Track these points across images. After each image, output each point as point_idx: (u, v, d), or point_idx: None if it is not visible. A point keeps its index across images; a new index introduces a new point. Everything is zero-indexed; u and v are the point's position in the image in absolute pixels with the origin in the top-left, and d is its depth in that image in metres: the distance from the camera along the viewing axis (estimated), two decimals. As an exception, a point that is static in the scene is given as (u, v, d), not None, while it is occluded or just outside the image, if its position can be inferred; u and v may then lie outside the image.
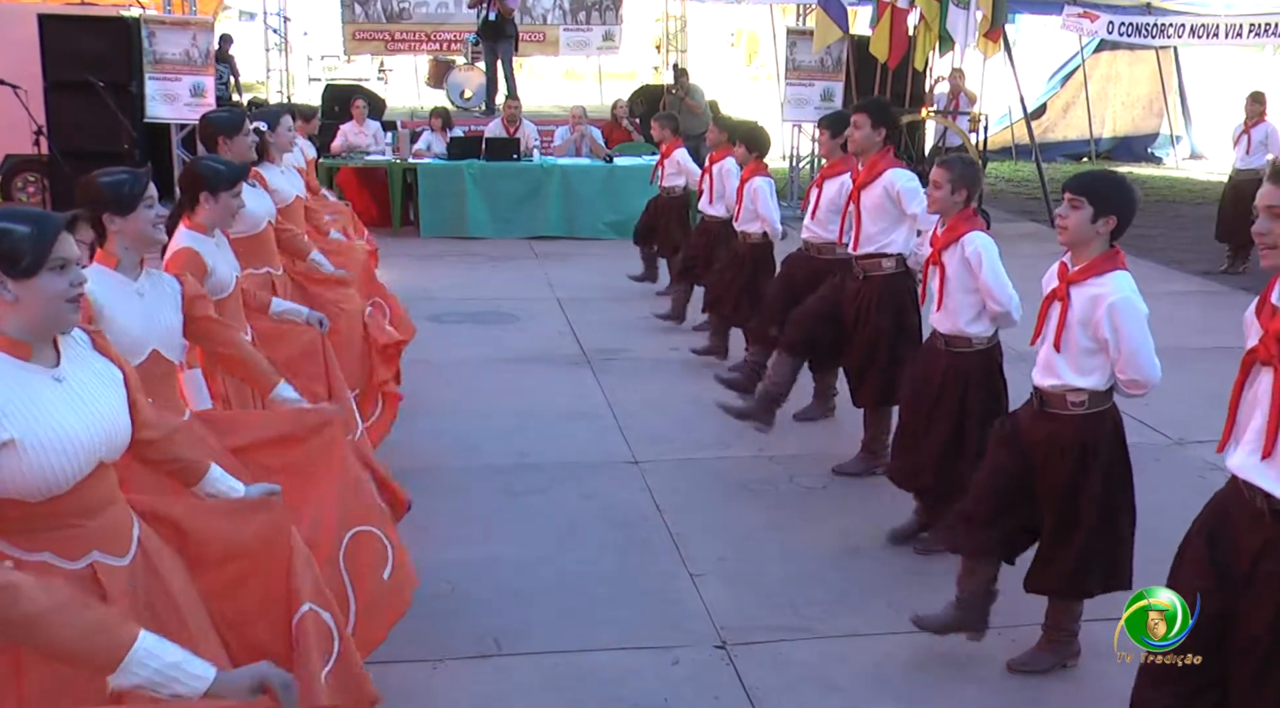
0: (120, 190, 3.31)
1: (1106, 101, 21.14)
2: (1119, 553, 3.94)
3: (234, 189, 4.19)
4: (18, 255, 2.37)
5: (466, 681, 4.04)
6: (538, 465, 6.03)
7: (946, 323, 4.76)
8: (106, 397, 2.58)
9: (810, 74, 14.10)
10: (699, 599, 4.63)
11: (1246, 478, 2.87)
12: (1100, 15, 17.51)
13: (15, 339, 2.42)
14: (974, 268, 4.61)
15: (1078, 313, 3.79)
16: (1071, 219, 3.77)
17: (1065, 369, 3.85)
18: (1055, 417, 3.91)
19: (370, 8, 17.59)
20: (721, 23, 31.46)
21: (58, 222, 2.44)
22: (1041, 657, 4.12)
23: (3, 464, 2.34)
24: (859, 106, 5.99)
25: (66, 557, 2.46)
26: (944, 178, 4.64)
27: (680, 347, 8.35)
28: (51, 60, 11.89)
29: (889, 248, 5.72)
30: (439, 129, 13.04)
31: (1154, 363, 3.77)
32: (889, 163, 5.71)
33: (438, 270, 10.73)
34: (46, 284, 2.40)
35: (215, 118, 5.32)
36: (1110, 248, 3.81)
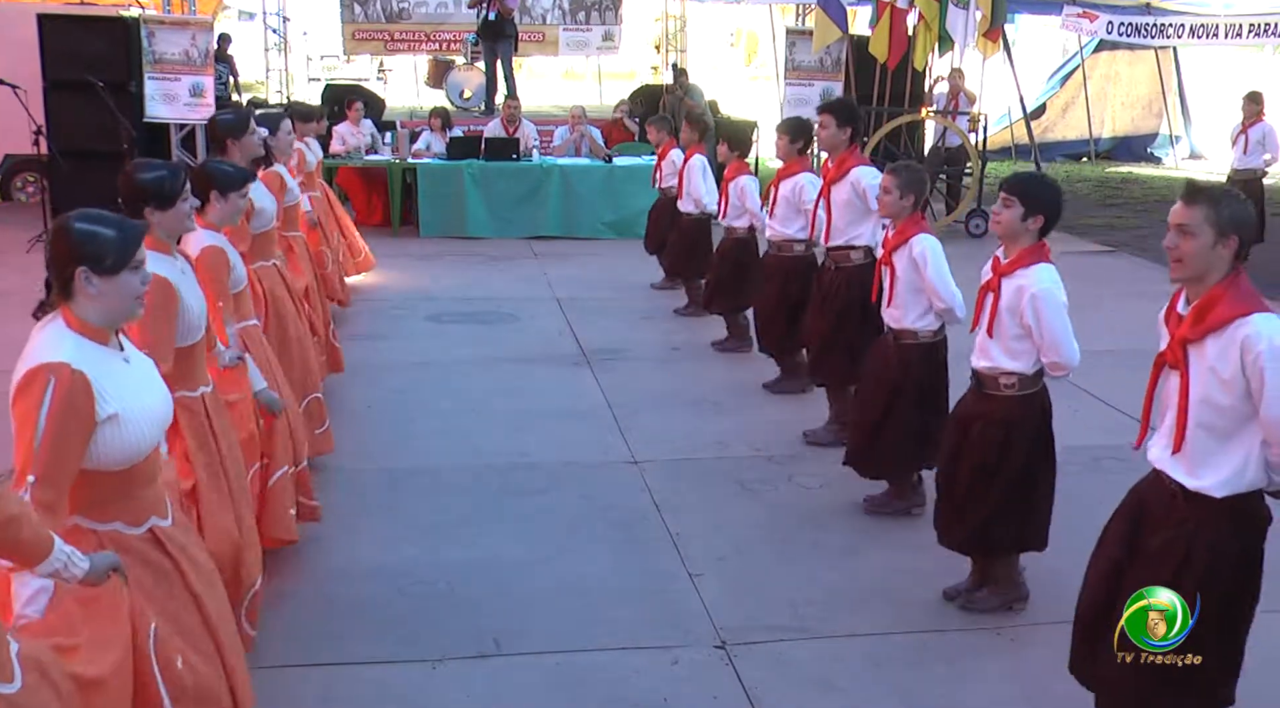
0: (162, 186, 3.58)
1: (1106, 101, 21.15)
2: (1033, 517, 4.35)
3: (242, 190, 4.45)
4: (104, 255, 2.71)
5: (466, 680, 4.04)
6: (537, 465, 6.03)
7: (895, 319, 5.16)
8: (155, 375, 2.94)
9: (810, 74, 14.08)
10: (698, 599, 4.63)
11: (1162, 469, 3.25)
12: (1099, 15, 17.52)
13: (95, 326, 2.75)
14: (920, 267, 4.98)
15: (1006, 302, 4.18)
16: (1004, 216, 4.14)
17: (997, 353, 4.23)
18: (990, 397, 4.30)
19: (370, 8, 17.58)
20: (721, 23, 31.46)
21: (140, 229, 2.85)
22: (987, 598, 4.52)
23: (107, 436, 2.67)
24: (825, 107, 6.34)
25: (132, 524, 2.82)
26: (893, 184, 5.01)
27: (681, 347, 8.36)
28: (51, 60, 11.88)
29: (857, 240, 6.08)
30: (438, 129, 13.03)
31: (1073, 347, 4.14)
32: (856, 161, 6.08)
33: (437, 270, 10.73)
34: (126, 281, 2.76)
35: (223, 120, 5.37)
36: (1038, 242, 4.18)
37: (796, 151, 6.80)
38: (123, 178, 3.60)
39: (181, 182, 3.61)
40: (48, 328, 2.73)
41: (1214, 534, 3.14)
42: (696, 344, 8.40)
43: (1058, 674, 4.06)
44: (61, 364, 2.61)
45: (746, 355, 8.01)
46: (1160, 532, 3.25)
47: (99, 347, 2.73)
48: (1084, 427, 6.40)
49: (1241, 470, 3.11)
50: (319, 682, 3.98)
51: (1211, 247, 3.08)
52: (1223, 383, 3.05)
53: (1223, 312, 3.06)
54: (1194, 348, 3.11)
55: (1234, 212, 3.10)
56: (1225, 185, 3.37)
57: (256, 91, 19.37)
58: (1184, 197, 3.12)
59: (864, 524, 5.37)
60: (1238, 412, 3.06)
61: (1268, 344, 2.97)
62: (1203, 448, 3.13)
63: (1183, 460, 3.17)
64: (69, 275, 2.70)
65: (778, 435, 6.48)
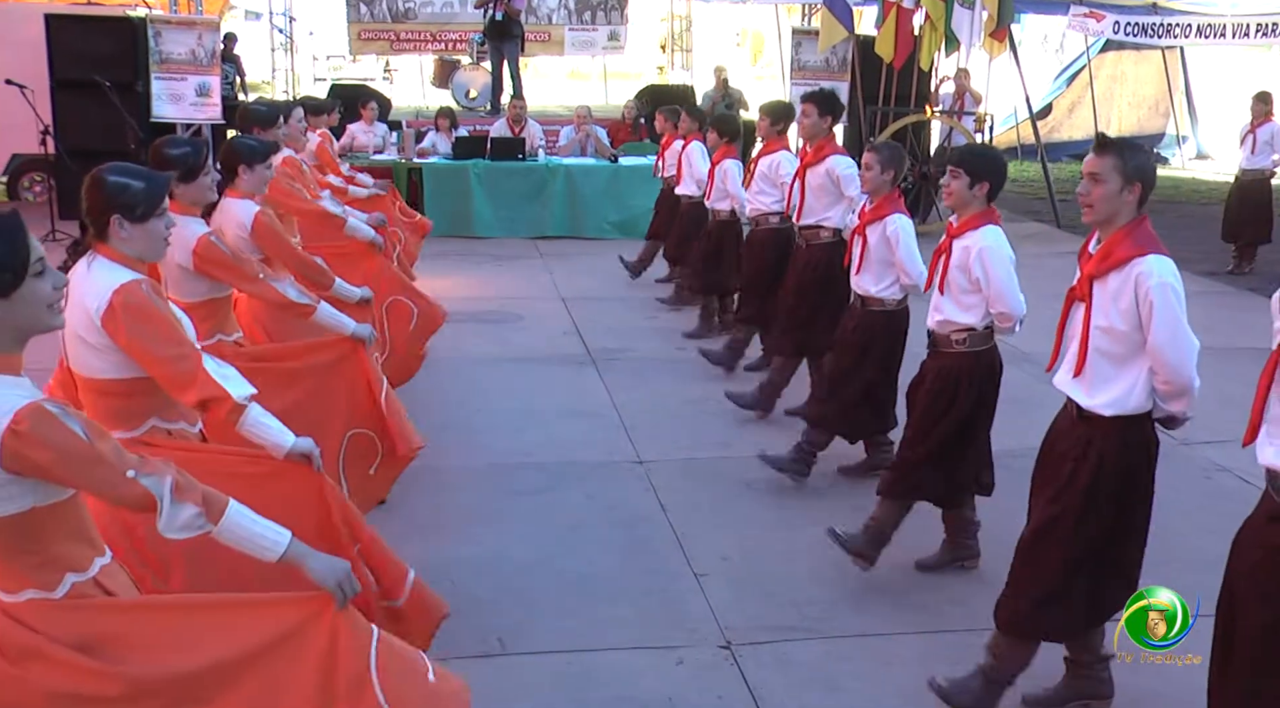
0: (187, 160, 4.00)
1: (1112, 101, 21.11)
2: (981, 465, 4.71)
3: (267, 161, 4.81)
4: (134, 205, 3.13)
5: (470, 680, 3.99)
6: (542, 465, 6.03)
7: (862, 286, 5.47)
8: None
9: (815, 74, 14.07)
10: (703, 599, 4.63)
11: (1063, 390, 3.64)
12: (1106, 15, 17.47)
13: (132, 258, 3.18)
14: (892, 245, 5.29)
15: (956, 259, 4.45)
16: (953, 186, 4.45)
17: (949, 307, 4.50)
18: (943, 354, 4.58)
19: (375, 7, 17.61)
20: (727, 23, 31.40)
21: (166, 181, 3.26)
22: (941, 560, 4.90)
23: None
24: (808, 97, 6.64)
25: (189, 422, 3.37)
26: (874, 161, 5.27)
27: (686, 347, 8.35)
28: (58, 60, 11.91)
29: (827, 222, 6.42)
30: (444, 129, 13.05)
31: (1018, 298, 4.39)
32: (832, 149, 6.45)
33: (442, 270, 10.72)
34: (154, 227, 3.18)
35: (253, 110, 5.90)
36: (987, 207, 4.46)
37: (776, 132, 7.21)
38: (152, 152, 4.01)
39: (204, 157, 4.02)
40: (93, 265, 3.13)
41: (1103, 446, 3.52)
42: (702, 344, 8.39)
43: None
44: (132, 279, 3.10)
45: (751, 356, 7.99)
46: (1061, 444, 3.65)
47: (139, 274, 3.16)
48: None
49: (1129, 393, 3.48)
50: (323, 681, 3.97)
51: (1118, 192, 3.47)
52: (1120, 313, 3.44)
53: (1124, 251, 3.46)
54: (1098, 283, 3.50)
55: (1139, 162, 3.50)
56: (1131, 140, 3.76)
57: (263, 91, 19.41)
58: (1094, 148, 3.52)
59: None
60: (1130, 340, 3.45)
61: (1158, 280, 3.40)
62: (1099, 372, 3.52)
63: (1082, 383, 3.56)
64: (105, 221, 3.11)
65: (782, 435, 6.47)
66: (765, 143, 7.34)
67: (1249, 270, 11.32)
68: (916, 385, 4.73)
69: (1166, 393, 3.48)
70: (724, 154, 8.15)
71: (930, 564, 4.92)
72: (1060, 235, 13.04)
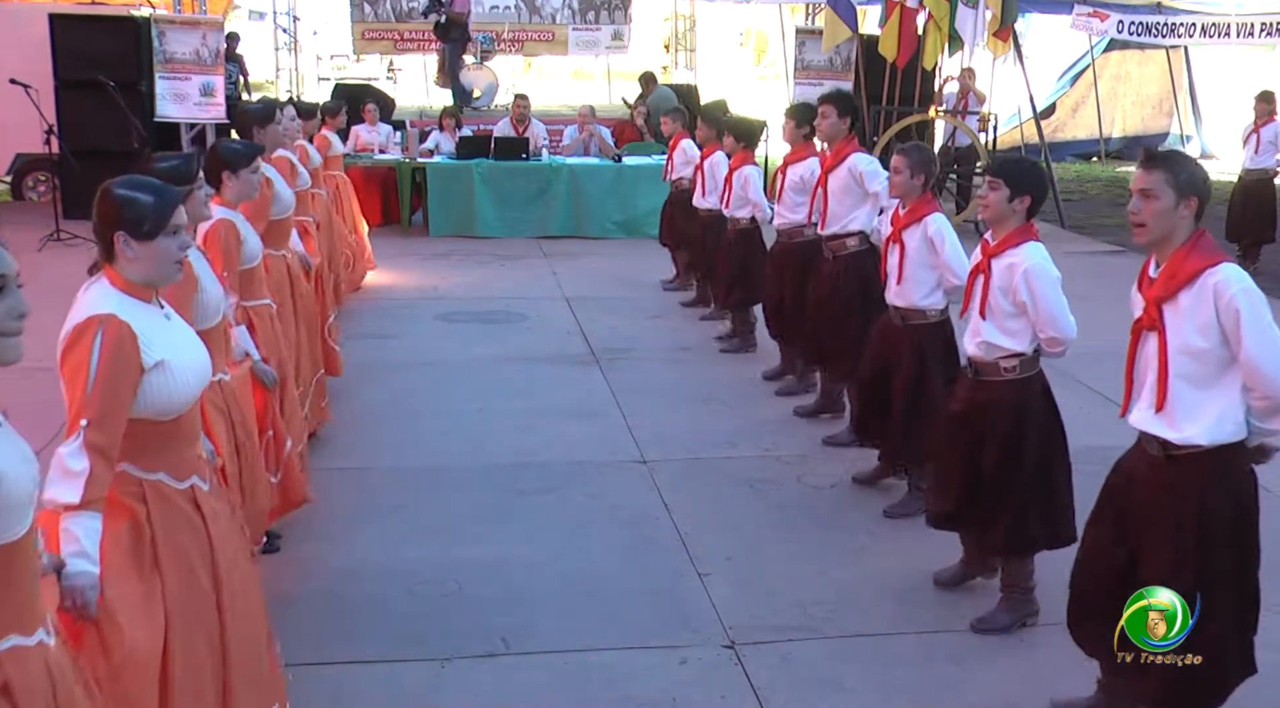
0: (176, 174, 3.66)
1: (1116, 101, 21.09)
2: (1057, 510, 4.25)
3: (251, 165, 4.50)
4: (141, 220, 2.81)
5: (475, 679, 4.04)
6: (545, 465, 6.03)
7: (903, 297, 5.17)
8: (194, 335, 3.04)
9: (819, 73, 14.09)
10: (707, 599, 4.63)
11: (1145, 430, 3.33)
12: (1110, 14, 17.46)
13: (136, 284, 2.85)
14: (936, 246, 5.03)
15: (998, 281, 4.17)
16: (990, 198, 4.18)
17: (993, 332, 4.20)
18: (990, 384, 4.26)
19: (379, 7, 17.63)
20: (730, 22, 31.43)
21: (176, 195, 2.90)
22: (1000, 615, 4.38)
23: (154, 384, 2.76)
24: (825, 98, 6.46)
25: (177, 477, 2.89)
26: (904, 164, 5.06)
27: (691, 347, 8.35)
28: (62, 60, 11.93)
29: (851, 225, 6.17)
30: (449, 128, 13.05)
31: (1069, 320, 4.11)
32: (852, 148, 6.24)
33: (446, 270, 10.74)
34: (162, 245, 2.84)
35: (250, 108, 5.69)
36: (1026, 223, 4.20)
37: (803, 136, 6.84)
38: (142, 168, 3.65)
39: (194, 169, 3.73)
40: (92, 288, 2.84)
41: (1202, 494, 3.22)
42: (706, 343, 8.40)
43: (1068, 674, 4.06)
44: (108, 314, 2.72)
45: (756, 354, 8.01)
46: (1150, 501, 3.33)
47: (141, 303, 2.84)
48: (1095, 427, 6.33)
49: (1222, 419, 3.21)
50: (329, 681, 3.98)
51: (1173, 208, 3.22)
52: (1199, 329, 3.18)
53: (1192, 265, 3.20)
54: (1168, 305, 3.24)
55: (1191, 173, 3.25)
56: (1179, 151, 3.53)
57: (267, 91, 19.41)
58: (1142, 162, 3.28)
59: (873, 524, 5.36)
60: (1215, 357, 3.18)
61: (1239, 287, 3.14)
62: (1184, 400, 3.23)
63: (1166, 417, 3.26)
64: (110, 239, 2.82)
65: (787, 435, 6.48)
66: (792, 149, 6.93)
67: (1254, 270, 11.29)
68: (967, 422, 4.34)
69: (1265, 409, 3.20)
70: (742, 160, 7.86)
71: (993, 625, 4.39)
72: (1065, 235, 13.02)
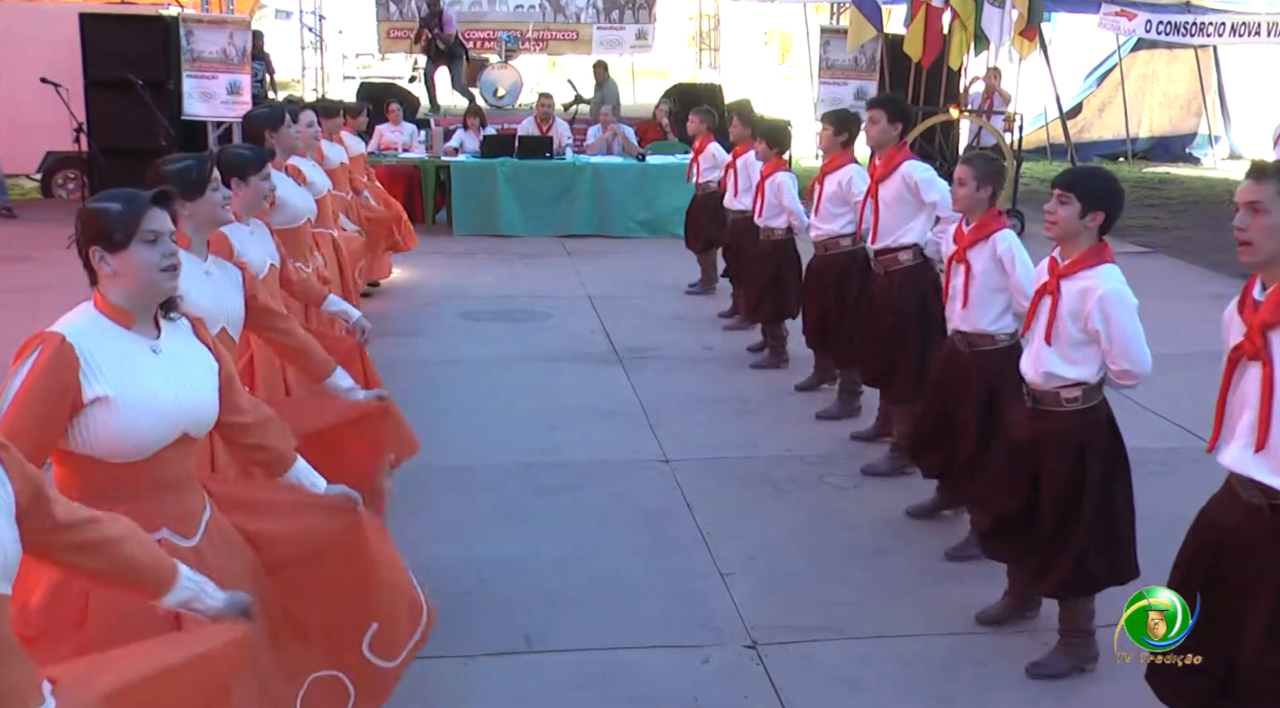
0: (188, 176, 3.52)
1: (1143, 101, 20.95)
2: (1120, 545, 3.96)
3: (261, 172, 4.29)
4: (110, 230, 2.59)
5: (497, 677, 4.06)
6: (568, 463, 6.04)
7: (969, 322, 4.76)
8: (198, 374, 2.75)
9: (844, 73, 14.05)
10: (729, 598, 4.63)
11: (1242, 472, 2.94)
12: (1138, 14, 17.34)
13: (118, 307, 2.63)
14: (1007, 266, 4.63)
15: (1068, 305, 3.85)
16: (1060, 214, 3.84)
17: (1056, 361, 3.90)
18: (1049, 414, 3.96)
19: (405, 6, 17.67)
20: (755, 21, 31.35)
21: (144, 197, 2.65)
22: (1058, 660, 4.11)
23: (96, 419, 2.52)
24: (875, 102, 6.10)
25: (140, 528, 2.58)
26: (969, 175, 4.69)
27: (714, 346, 8.35)
28: (92, 59, 12.02)
29: (905, 238, 5.78)
30: (473, 127, 13.09)
31: (1145, 352, 3.81)
32: (905, 155, 5.84)
33: (470, 268, 10.77)
34: (139, 255, 2.60)
35: (258, 114, 5.40)
36: (1099, 242, 3.87)
37: (840, 144, 6.47)
38: (151, 171, 3.55)
39: (209, 170, 3.57)
40: (77, 307, 2.67)
41: None
42: (729, 344, 8.39)
43: (1089, 678, 4.05)
44: (55, 334, 2.53)
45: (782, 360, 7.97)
46: (1248, 556, 2.95)
47: (119, 329, 2.62)
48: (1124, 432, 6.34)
49: None
50: (351, 676, 4.00)
51: None
52: None
53: None
54: (1276, 334, 2.88)
55: None
56: None
57: (292, 89, 19.51)
58: (1252, 173, 2.94)
59: (895, 525, 5.35)
60: None
61: None
62: None
63: (1268, 457, 2.87)
64: (88, 258, 2.63)
65: (809, 435, 6.47)
66: (829, 158, 6.58)
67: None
68: (1020, 452, 4.08)
69: None
70: (775, 166, 7.57)
71: (1049, 670, 4.11)
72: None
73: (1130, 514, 4.00)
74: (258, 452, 2.99)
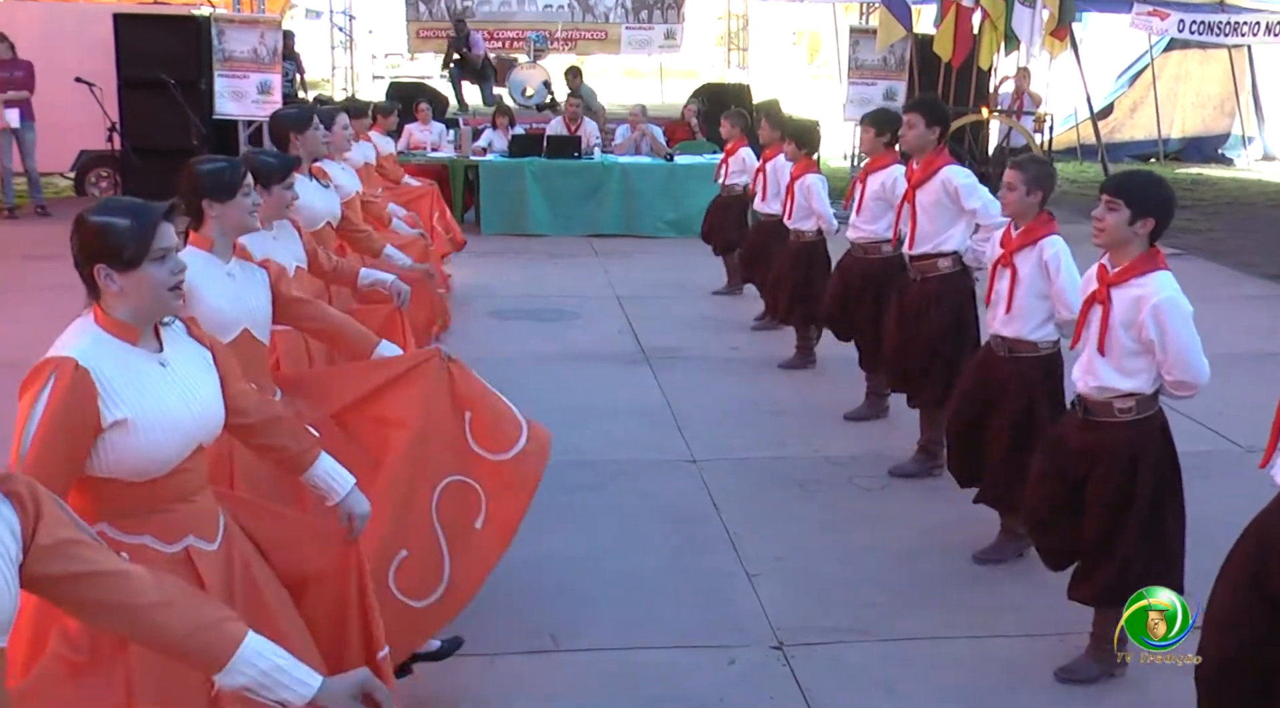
0: (221, 178, 3.48)
1: (1176, 101, 20.76)
2: (1167, 561, 3.85)
3: (285, 181, 4.24)
4: (120, 249, 2.46)
5: (523, 676, 4.07)
6: (595, 463, 6.05)
7: (1011, 327, 4.67)
8: (204, 381, 2.67)
9: (873, 73, 14.01)
10: (756, 599, 4.63)
11: None
12: (1171, 13, 17.20)
13: (122, 323, 2.52)
14: (1051, 272, 4.52)
15: (1120, 315, 3.75)
16: (1108, 221, 3.74)
17: (1109, 372, 3.81)
18: (1101, 425, 3.87)
19: (434, 6, 17.73)
20: (784, 21, 31.33)
21: (156, 213, 2.52)
22: (1088, 665, 4.07)
23: (115, 443, 2.44)
24: (912, 105, 6.01)
25: (165, 540, 2.55)
26: (1018, 180, 4.55)
27: (741, 346, 8.34)
28: (126, 58, 12.12)
29: (944, 245, 5.67)
30: (501, 127, 13.13)
31: (1202, 363, 3.70)
32: (945, 160, 5.71)
33: (498, 267, 10.80)
34: (150, 274, 2.49)
35: (285, 115, 5.36)
36: (1150, 248, 3.77)
37: (883, 145, 6.36)
38: (183, 172, 3.52)
39: (241, 173, 3.53)
40: (76, 321, 2.55)
41: None
42: (756, 345, 8.38)
43: (1120, 682, 4.02)
44: (67, 359, 2.42)
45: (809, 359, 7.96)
46: None
47: (125, 346, 2.52)
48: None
49: None
50: (379, 674, 4.02)
51: None
52: None
53: None
54: None
55: None
56: None
57: (322, 89, 19.61)
58: None
59: (923, 526, 5.33)
60: None
61: None
62: None
63: None
64: (90, 274, 2.49)
65: (837, 436, 6.45)
66: (872, 159, 6.51)
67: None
68: (1069, 461, 3.99)
69: None
70: (804, 168, 7.52)
71: (1078, 675, 4.06)
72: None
73: (1180, 529, 3.90)
74: (270, 452, 2.96)
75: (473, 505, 3.78)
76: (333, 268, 4.69)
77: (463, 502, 3.76)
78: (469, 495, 3.77)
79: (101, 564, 1.99)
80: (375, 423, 3.71)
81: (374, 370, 3.80)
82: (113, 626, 2.10)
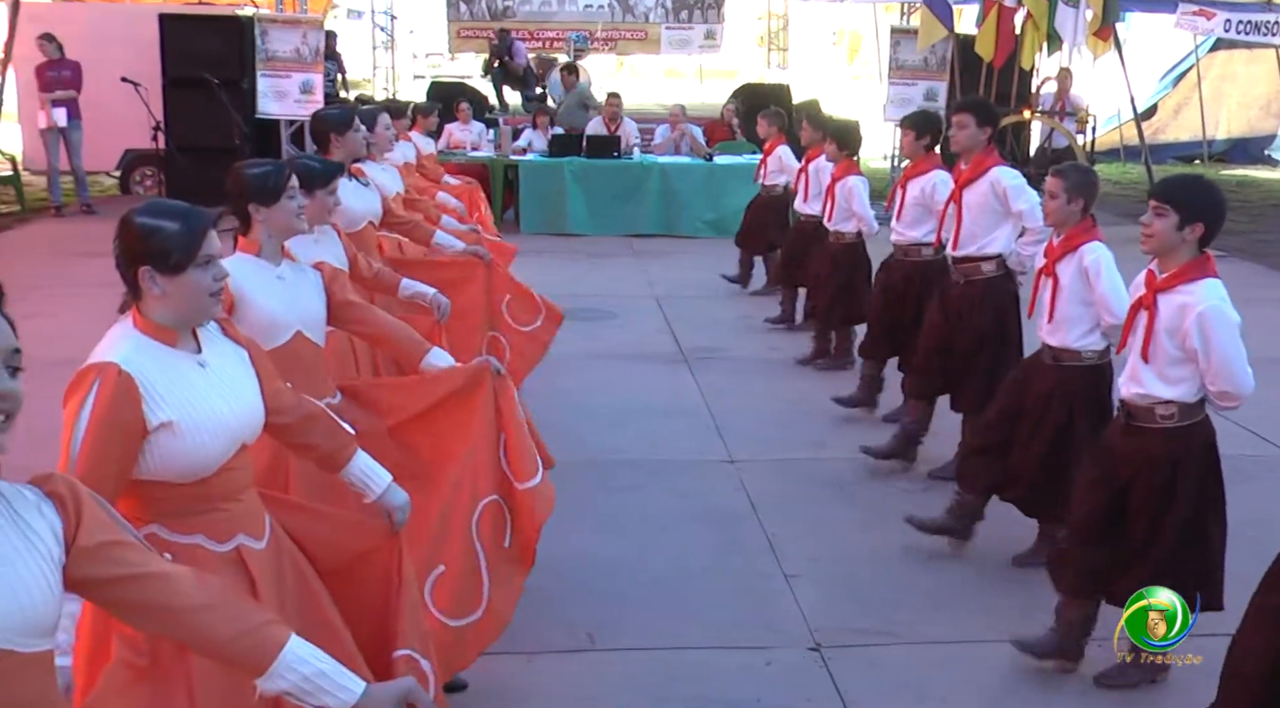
0: (266, 182, 3.49)
1: (1221, 102, 20.52)
2: (1205, 571, 3.80)
3: (329, 186, 4.23)
4: (167, 253, 2.46)
5: (561, 674, 4.09)
6: (634, 462, 6.07)
7: (1056, 336, 4.59)
8: (243, 380, 2.68)
9: (914, 73, 13.94)
10: (793, 600, 4.63)
11: None
12: (1217, 13, 16.96)
13: (162, 326, 2.53)
14: (1091, 278, 4.44)
15: (1165, 322, 3.70)
16: (1156, 226, 3.68)
17: (1152, 379, 3.77)
18: (1143, 431, 3.83)
19: (475, 6, 17.86)
20: (824, 21, 31.23)
21: (205, 219, 2.53)
22: (1129, 671, 4.02)
23: (161, 445, 2.46)
24: (962, 105, 5.94)
25: (216, 540, 2.56)
26: (1059, 187, 4.47)
27: (779, 347, 8.33)
28: (171, 58, 12.30)
29: (989, 247, 5.61)
30: (541, 126, 13.18)
31: (1246, 374, 3.64)
32: (994, 161, 5.65)
33: (537, 266, 10.78)
34: (194, 279, 2.50)
35: (327, 115, 5.39)
36: (1200, 254, 3.71)
37: (924, 148, 6.28)
38: (230, 175, 3.54)
39: (286, 177, 3.53)
40: (115, 326, 2.56)
41: None
42: (795, 346, 8.36)
43: (1157, 689, 3.98)
44: (109, 364, 2.42)
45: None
46: None
47: (166, 349, 2.53)
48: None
49: None
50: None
51: None
52: None
53: None
54: None
55: None
56: None
57: (363, 88, 19.76)
58: None
59: (962, 530, 5.30)
60: None
61: None
62: None
63: None
64: (133, 276, 2.49)
65: (876, 438, 6.42)
66: (913, 163, 6.42)
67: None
68: (1111, 467, 3.93)
69: None
70: (845, 170, 7.45)
71: (1121, 681, 4.03)
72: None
73: (1221, 543, 3.84)
74: (307, 450, 2.97)
75: (501, 526, 3.80)
76: (374, 275, 4.68)
77: (499, 522, 3.79)
78: (501, 516, 3.79)
79: (143, 567, 1.98)
80: (430, 438, 3.74)
81: (432, 385, 3.81)
82: (156, 628, 2.10)
